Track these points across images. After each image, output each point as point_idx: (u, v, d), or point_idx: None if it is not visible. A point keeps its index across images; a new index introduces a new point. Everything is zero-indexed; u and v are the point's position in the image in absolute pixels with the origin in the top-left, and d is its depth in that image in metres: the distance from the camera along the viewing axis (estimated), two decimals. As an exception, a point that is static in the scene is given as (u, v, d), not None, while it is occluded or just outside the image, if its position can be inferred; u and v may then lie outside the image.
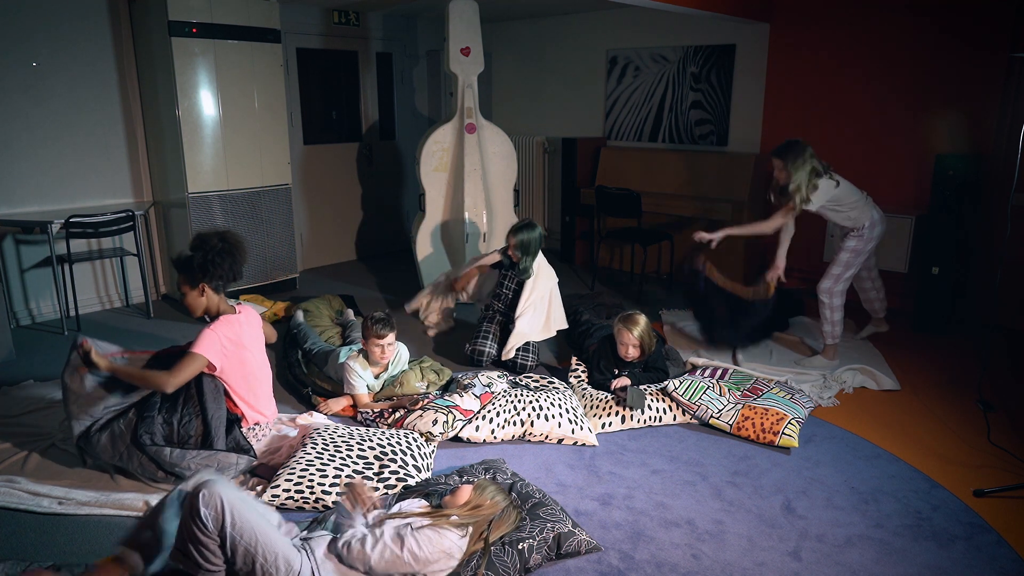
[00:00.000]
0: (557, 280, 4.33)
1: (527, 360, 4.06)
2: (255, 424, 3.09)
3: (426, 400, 3.39)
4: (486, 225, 5.19)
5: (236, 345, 2.94)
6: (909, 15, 4.99)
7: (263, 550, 2.00)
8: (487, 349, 4.11)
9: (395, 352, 3.59)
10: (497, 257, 4.34)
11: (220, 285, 2.96)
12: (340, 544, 2.16)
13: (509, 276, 4.28)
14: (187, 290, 2.93)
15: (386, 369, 3.59)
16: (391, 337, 3.47)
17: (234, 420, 2.97)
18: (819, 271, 5.65)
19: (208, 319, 2.99)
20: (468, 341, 4.20)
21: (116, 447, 2.77)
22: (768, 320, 4.37)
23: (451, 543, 2.19)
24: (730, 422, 3.36)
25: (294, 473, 2.75)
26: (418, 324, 4.96)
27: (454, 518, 2.25)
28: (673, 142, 6.39)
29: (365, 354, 3.51)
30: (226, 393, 2.97)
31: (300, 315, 4.55)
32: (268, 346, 4.38)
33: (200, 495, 1.97)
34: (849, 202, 3.94)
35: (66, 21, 4.82)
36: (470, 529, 2.26)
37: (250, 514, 2.03)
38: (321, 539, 2.20)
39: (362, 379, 3.46)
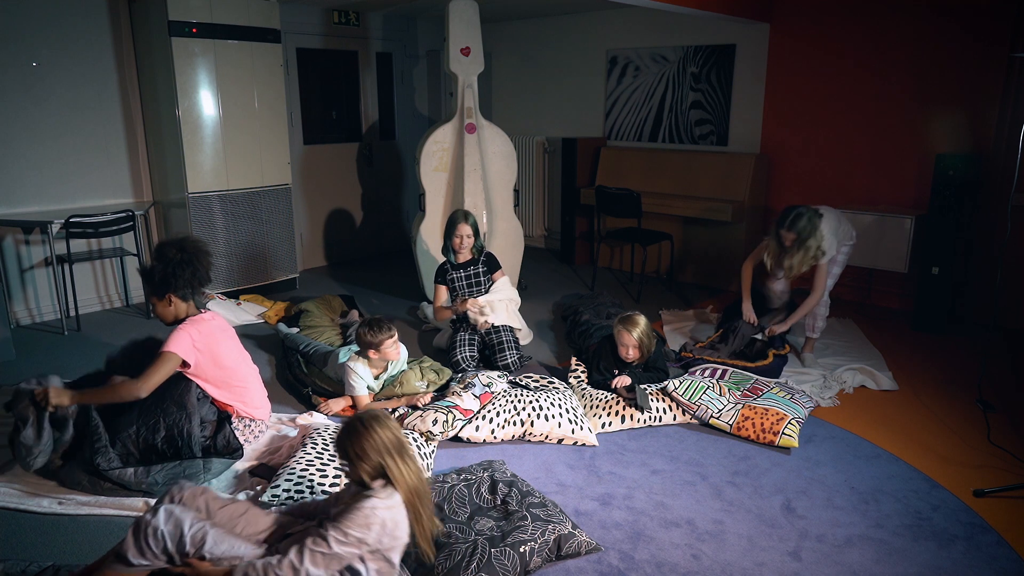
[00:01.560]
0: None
1: (507, 358, 4.01)
2: (250, 421, 3.09)
3: (426, 398, 3.43)
4: (486, 225, 5.19)
5: (207, 342, 2.94)
6: (909, 15, 4.99)
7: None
8: (464, 355, 4.00)
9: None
10: (445, 290, 4.22)
11: (187, 293, 2.96)
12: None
13: (459, 277, 4.20)
14: (155, 301, 2.99)
15: (386, 369, 3.59)
16: (391, 342, 3.48)
17: (224, 418, 2.98)
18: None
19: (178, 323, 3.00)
20: (447, 354, 4.12)
21: (77, 478, 2.75)
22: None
23: (372, 510, 1.95)
24: (730, 422, 3.36)
25: (294, 473, 2.75)
26: (416, 324, 4.97)
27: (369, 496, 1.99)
28: (673, 142, 6.39)
29: (362, 352, 3.51)
30: (205, 394, 2.98)
31: (283, 326, 4.53)
32: (265, 349, 4.39)
33: (161, 511, 1.99)
34: (843, 228, 4.07)
35: (66, 21, 4.82)
36: (397, 491, 2.00)
37: (216, 533, 2.02)
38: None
39: (362, 380, 3.46)
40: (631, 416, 3.43)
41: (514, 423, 3.28)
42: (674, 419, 3.48)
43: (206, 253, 3.03)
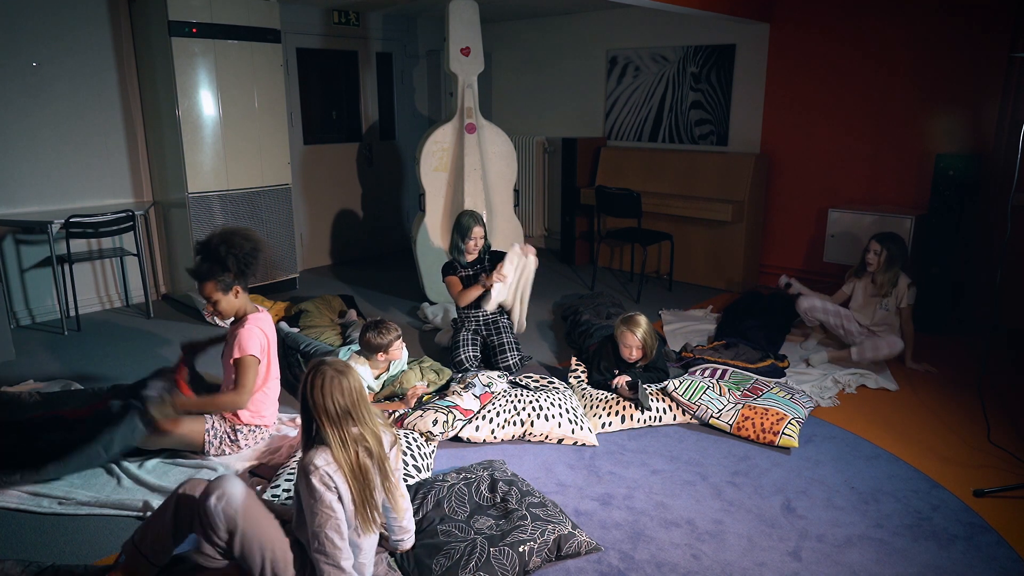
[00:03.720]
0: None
1: (508, 360, 4.00)
2: (255, 427, 3.08)
3: (420, 388, 3.45)
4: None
5: (268, 344, 2.93)
6: (909, 15, 4.99)
7: (272, 555, 2.02)
8: (468, 355, 3.99)
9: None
10: (458, 279, 4.17)
11: (246, 285, 2.94)
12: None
13: (466, 276, 4.17)
14: (219, 296, 2.81)
15: (387, 370, 3.59)
16: (399, 342, 3.49)
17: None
18: (820, 271, 5.67)
19: (236, 319, 2.96)
20: (450, 354, 4.11)
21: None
22: (767, 321, 4.38)
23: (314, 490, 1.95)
24: (730, 422, 3.36)
25: (295, 473, 2.75)
26: (416, 324, 4.97)
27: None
28: (673, 142, 6.39)
29: (364, 353, 3.52)
30: None
31: (285, 325, 4.53)
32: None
33: (214, 494, 2.01)
34: None
35: (66, 21, 4.82)
36: None
37: (263, 518, 2.04)
38: None
39: (363, 380, 3.46)
40: (631, 416, 3.43)
41: (514, 423, 3.28)
42: (674, 419, 3.48)
43: (264, 242, 2.95)
